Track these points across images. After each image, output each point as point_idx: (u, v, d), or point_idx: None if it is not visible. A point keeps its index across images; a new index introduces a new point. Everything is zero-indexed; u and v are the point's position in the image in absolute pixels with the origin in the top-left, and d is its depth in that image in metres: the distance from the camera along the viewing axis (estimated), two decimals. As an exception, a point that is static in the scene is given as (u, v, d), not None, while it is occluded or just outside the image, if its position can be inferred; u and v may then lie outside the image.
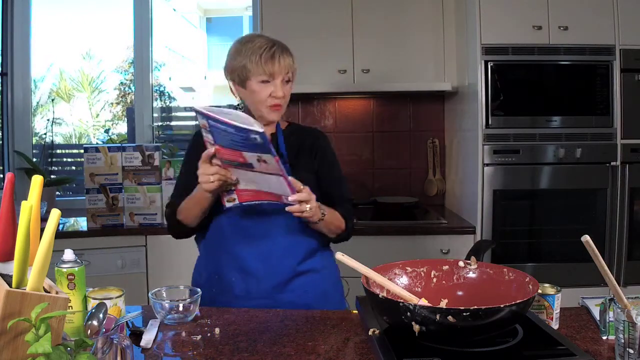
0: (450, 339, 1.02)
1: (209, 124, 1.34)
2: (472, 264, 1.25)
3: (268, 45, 1.55)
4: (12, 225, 0.92)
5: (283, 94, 1.57)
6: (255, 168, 1.36)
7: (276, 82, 1.56)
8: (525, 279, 1.14)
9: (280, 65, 1.55)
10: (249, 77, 1.56)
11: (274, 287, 1.54)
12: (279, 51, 1.55)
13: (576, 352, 0.99)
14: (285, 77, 1.57)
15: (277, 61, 1.54)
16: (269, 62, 1.53)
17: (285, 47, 1.59)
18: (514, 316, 1.01)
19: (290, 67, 1.58)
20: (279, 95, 1.56)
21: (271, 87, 1.55)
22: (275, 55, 1.54)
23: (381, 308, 1.09)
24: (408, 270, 1.25)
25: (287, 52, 1.59)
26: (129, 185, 2.79)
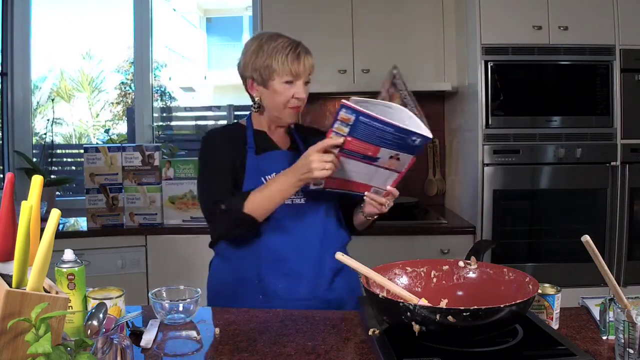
0: (450, 339, 1.02)
1: (357, 119, 1.30)
2: (472, 264, 1.25)
3: (293, 46, 1.53)
4: (12, 225, 0.92)
5: (305, 95, 1.57)
6: (378, 162, 1.37)
7: (299, 83, 1.54)
8: (525, 279, 1.15)
9: (305, 65, 1.53)
10: (273, 77, 1.53)
11: (319, 286, 1.53)
12: (303, 51, 1.54)
13: (576, 352, 0.99)
14: (307, 78, 1.57)
15: (302, 61, 1.53)
16: (295, 62, 1.51)
17: (307, 48, 1.57)
18: (514, 316, 1.01)
19: (312, 68, 1.57)
20: (301, 97, 1.55)
21: (294, 88, 1.54)
22: (300, 56, 1.52)
23: (381, 308, 1.09)
24: (408, 270, 1.26)
25: (309, 53, 1.57)
26: (129, 185, 2.79)
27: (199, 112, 3.89)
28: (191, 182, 2.81)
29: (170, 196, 2.81)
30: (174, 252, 2.77)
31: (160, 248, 2.77)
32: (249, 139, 1.61)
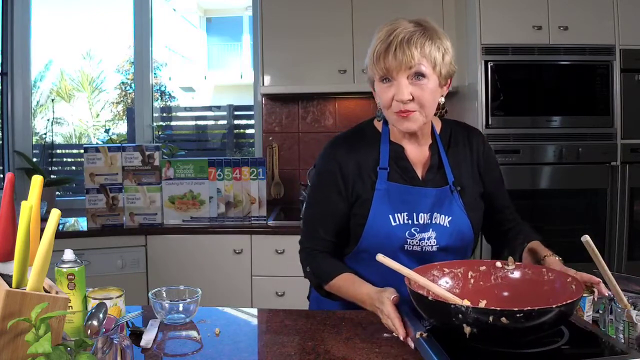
0: (501, 341, 1.01)
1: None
2: (510, 265, 1.24)
3: (388, 34, 1.28)
4: (12, 225, 0.92)
5: (410, 97, 1.26)
6: None
7: (400, 80, 1.26)
8: (567, 279, 1.13)
9: (398, 58, 1.24)
10: (372, 76, 1.33)
11: None
12: (398, 41, 1.25)
13: (627, 351, 0.98)
14: (410, 72, 1.26)
15: (394, 53, 1.24)
16: (382, 55, 1.26)
17: (415, 33, 1.27)
18: (562, 317, 1.00)
19: (417, 60, 1.25)
20: (401, 98, 1.26)
21: (393, 88, 1.27)
22: (391, 46, 1.25)
23: (430, 310, 1.08)
24: (445, 271, 1.24)
25: (418, 40, 1.26)
26: (129, 185, 2.79)
27: (199, 112, 3.90)
28: (191, 182, 2.81)
29: (170, 196, 2.81)
30: (174, 252, 2.77)
31: (160, 248, 2.77)
32: (382, 155, 1.36)
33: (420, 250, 1.34)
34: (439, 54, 1.27)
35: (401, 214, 1.33)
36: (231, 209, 2.82)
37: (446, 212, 1.34)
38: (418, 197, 1.34)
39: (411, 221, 1.33)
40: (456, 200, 1.35)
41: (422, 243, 1.34)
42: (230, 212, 2.82)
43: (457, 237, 1.35)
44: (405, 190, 1.34)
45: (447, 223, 1.34)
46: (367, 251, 1.35)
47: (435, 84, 1.29)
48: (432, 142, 1.40)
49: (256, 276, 2.76)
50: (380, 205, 1.33)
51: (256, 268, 2.76)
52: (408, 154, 1.39)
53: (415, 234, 1.33)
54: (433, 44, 1.26)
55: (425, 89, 1.27)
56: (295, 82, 2.97)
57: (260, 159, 2.86)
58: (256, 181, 2.82)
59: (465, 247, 1.40)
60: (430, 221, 1.34)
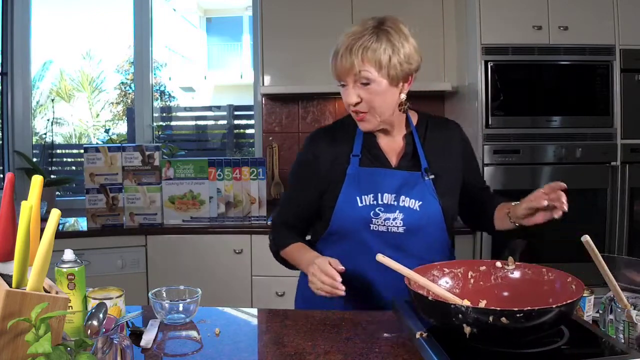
0: (501, 341, 1.01)
1: None
2: (510, 265, 1.24)
3: (339, 42, 1.34)
4: (12, 225, 0.92)
5: (356, 100, 1.33)
6: None
7: (347, 85, 1.34)
8: (567, 279, 1.13)
9: (344, 66, 1.31)
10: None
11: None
12: (343, 47, 1.32)
13: (627, 351, 0.98)
14: (357, 77, 1.32)
15: (340, 61, 1.32)
16: (333, 63, 1.34)
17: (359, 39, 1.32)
18: (562, 316, 1.00)
19: (358, 67, 1.30)
20: (348, 102, 1.34)
21: (344, 92, 1.36)
22: (338, 54, 1.33)
23: (430, 310, 1.08)
24: (445, 271, 1.24)
25: (361, 47, 1.31)
26: (129, 185, 2.79)
27: (199, 112, 3.90)
28: (191, 182, 2.81)
29: (170, 196, 2.81)
30: (174, 252, 2.77)
31: (160, 248, 2.77)
32: (356, 144, 1.44)
33: (386, 231, 1.38)
34: (385, 56, 1.30)
35: (368, 195, 1.39)
36: (231, 209, 2.82)
37: (416, 196, 1.39)
38: (383, 178, 1.40)
39: (376, 201, 1.38)
40: (428, 186, 1.40)
41: (387, 223, 1.38)
42: (230, 212, 2.82)
43: (426, 222, 1.39)
44: (372, 172, 1.41)
45: (417, 207, 1.38)
46: (336, 233, 1.42)
47: (385, 86, 1.33)
48: (407, 133, 1.46)
49: (256, 276, 2.76)
50: (348, 188, 1.40)
51: (256, 268, 2.76)
52: (381, 143, 1.45)
53: (379, 214, 1.38)
54: (380, 47, 1.31)
55: (372, 92, 1.33)
56: (295, 82, 2.97)
57: (260, 159, 2.86)
58: (256, 181, 2.82)
59: (437, 234, 1.42)
60: (396, 203, 1.38)
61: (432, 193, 1.40)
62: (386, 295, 1.38)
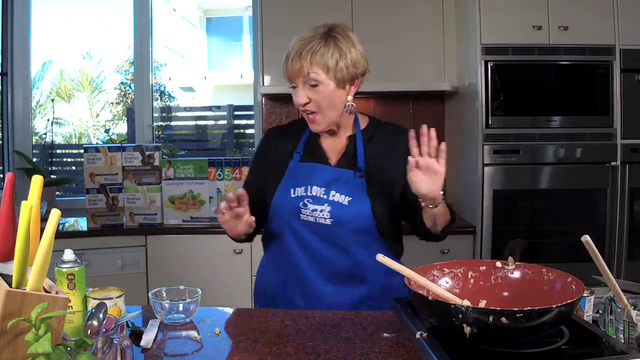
0: (501, 340, 1.01)
1: None
2: (509, 265, 1.24)
3: (291, 46, 1.44)
4: (12, 225, 0.92)
5: (305, 101, 1.44)
6: None
7: (297, 87, 1.44)
8: (567, 279, 1.13)
9: (295, 68, 1.41)
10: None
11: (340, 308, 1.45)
12: (295, 53, 1.42)
13: (628, 351, 0.98)
14: (306, 79, 1.42)
15: (290, 64, 1.42)
16: (284, 66, 1.44)
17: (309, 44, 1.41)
18: (562, 316, 1.00)
19: (306, 69, 1.40)
20: (298, 102, 1.45)
21: (294, 93, 1.46)
22: (288, 58, 1.43)
23: (430, 310, 1.08)
24: (445, 271, 1.24)
25: (310, 51, 1.40)
26: (129, 185, 2.79)
27: (199, 112, 3.90)
28: (191, 182, 2.81)
29: (170, 196, 2.81)
30: (174, 252, 2.77)
31: (160, 248, 2.77)
32: (300, 142, 1.56)
33: (314, 222, 1.47)
34: (332, 60, 1.40)
35: (301, 187, 1.49)
36: (231, 209, 2.82)
37: (346, 192, 1.46)
38: (314, 172, 1.50)
39: (306, 193, 1.48)
40: (360, 184, 1.47)
41: (315, 214, 1.47)
42: (230, 212, 2.81)
43: (354, 217, 1.45)
44: (308, 167, 1.52)
45: (346, 202, 1.46)
46: (273, 220, 1.54)
47: (332, 88, 1.43)
48: (352, 134, 1.54)
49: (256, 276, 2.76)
50: (287, 180, 1.52)
51: (256, 268, 2.75)
52: (323, 142, 1.55)
53: (308, 205, 1.47)
54: (327, 52, 1.40)
55: (320, 94, 1.42)
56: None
57: (260, 159, 2.85)
58: (256, 181, 2.81)
59: (365, 231, 1.47)
60: (326, 196, 1.47)
61: (363, 192, 1.46)
62: (314, 276, 1.48)
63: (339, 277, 1.48)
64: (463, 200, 2.97)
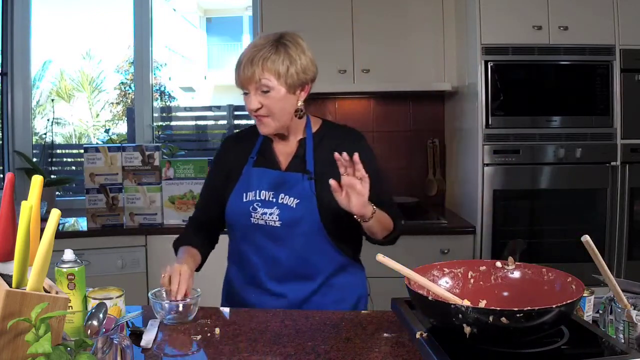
0: (501, 340, 1.01)
1: None
2: (510, 265, 1.24)
3: (243, 53, 1.47)
4: (12, 225, 0.92)
5: (257, 106, 1.46)
6: None
7: (250, 93, 1.47)
8: (567, 279, 1.13)
9: (246, 75, 1.44)
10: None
11: (290, 306, 1.50)
12: (245, 58, 1.45)
13: (628, 351, 0.98)
14: (258, 85, 1.44)
15: (242, 71, 1.45)
16: (236, 73, 1.48)
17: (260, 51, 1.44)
18: (562, 317, 1.00)
19: (258, 76, 1.43)
20: (250, 108, 1.48)
21: (246, 99, 1.50)
22: (240, 65, 1.46)
23: (430, 310, 1.08)
24: (445, 271, 1.24)
25: (261, 58, 1.43)
26: (129, 185, 2.79)
27: (199, 112, 3.90)
28: (191, 182, 2.81)
29: (170, 196, 2.81)
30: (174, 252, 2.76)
31: (160, 248, 2.77)
32: (255, 147, 1.61)
33: (265, 224, 1.51)
34: (283, 67, 1.44)
35: (252, 191, 1.54)
36: (231, 209, 2.82)
37: (295, 195, 1.50)
38: (263, 176, 1.55)
39: (256, 197, 1.53)
40: (308, 187, 1.50)
41: (265, 217, 1.51)
42: (230, 212, 2.82)
43: (302, 219, 1.49)
44: (259, 172, 1.56)
45: (294, 204, 1.50)
46: (230, 224, 1.59)
47: (283, 93, 1.47)
48: (303, 138, 1.58)
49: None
50: (240, 186, 1.56)
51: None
52: (275, 146, 1.60)
53: (257, 208, 1.52)
54: (278, 59, 1.44)
55: (271, 99, 1.46)
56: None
57: (260, 159, 2.85)
58: (256, 181, 2.81)
59: (315, 233, 1.50)
60: (275, 199, 1.51)
61: (311, 194, 1.49)
62: (265, 277, 1.52)
63: (289, 277, 1.51)
64: (463, 200, 2.98)
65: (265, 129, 1.51)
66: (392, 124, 3.34)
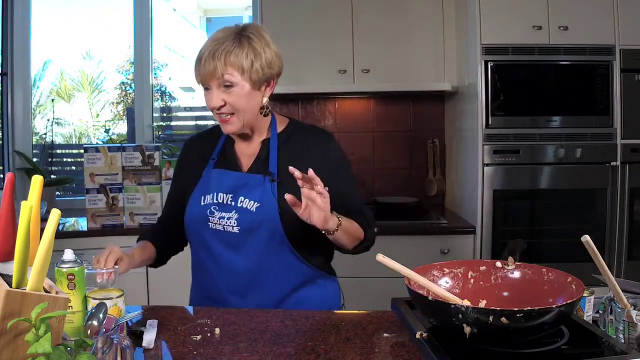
0: (501, 340, 1.02)
1: None
2: (509, 265, 1.24)
3: (204, 47, 1.38)
4: (12, 225, 0.92)
5: (220, 104, 1.37)
6: None
7: (211, 89, 1.38)
8: (567, 279, 1.13)
9: (207, 69, 1.35)
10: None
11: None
12: (206, 52, 1.36)
13: (628, 351, 0.98)
14: (220, 81, 1.36)
15: (203, 65, 1.36)
16: (197, 68, 1.38)
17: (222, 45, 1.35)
18: (562, 317, 1.00)
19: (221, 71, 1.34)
20: (212, 105, 1.38)
21: (208, 95, 1.40)
22: (202, 59, 1.36)
23: (430, 310, 1.08)
24: (445, 271, 1.24)
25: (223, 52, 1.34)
26: (129, 185, 2.79)
27: (199, 112, 3.89)
28: (191, 182, 2.81)
29: (170, 196, 2.81)
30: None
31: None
32: (216, 148, 1.53)
33: (223, 230, 1.42)
34: (247, 61, 1.35)
35: (210, 194, 1.45)
36: (231, 209, 2.82)
37: (255, 198, 1.41)
38: (221, 179, 1.46)
39: (213, 200, 1.44)
40: (270, 189, 1.41)
41: (222, 222, 1.42)
42: (230, 212, 2.82)
43: (262, 224, 1.40)
44: (218, 173, 1.48)
45: (253, 208, 1.41)
46: (187, 228, 1.51)
47: (247, 89, 1.38)
48: (267, 138, 1.50)
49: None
50: (199, 189, 1.48)
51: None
52: (237, 147, 1.52)
53: (215, 212, 1.43)
54: (242, 52, 1.35)
55: (235, 95, 1.37)
56: (295, 82, 2.97)
57: (260, 159, 2.85)
58: (256, 181, 2.81)
59: (275, 239, 1.40)
60: (233, 203, 1.42)
61: (272, 197, 1.40)
62: (222, 288, 1.46)
63: (250, 289, 1.44)
64: (463, 200, 2.98)
65: (230, 127, 1.42)
66: (392, 124, 3.34)
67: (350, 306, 1.62)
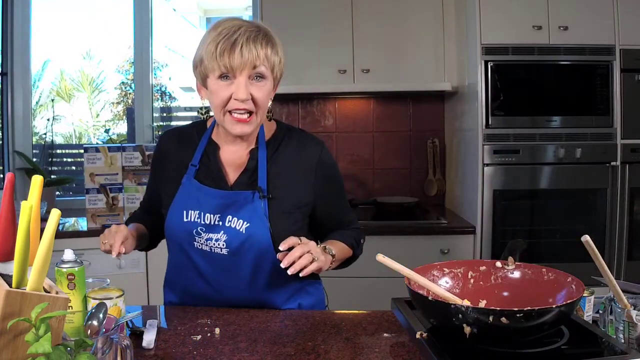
0: (501, 340, 1.02)
1: None
2: (509, 265, 1.24)
3: (231, 32, 1.23)
4: (12, 225, 0.92)
5: (249, 96, 1.24)
6: None
7: (240, 79, 1.24)
8: (567, 279, 1.13)
9: (243, 56, 1.21)
10: (208, 73, 1.26)
11: None
12: (244, 39, 1.22)
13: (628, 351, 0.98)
14: (252, 72, 1.24)
15: (240, 51, 1.21)
16: (226, 53, 1.22)
17: (259, 34, 1.24)
18: (562, 316, 1.00)
19: (261, 60, 1.24)
20: (240, 97, 1.23)
21: (232, 86, 1.25)
22: (237, 44, 1.21)
23: (430, 310, 1.08)
24: (445, 271, 1.24)
25: (261, 41, 1.24)
26: (129, 185, 2.79)
27: (198, 112, 3.89)
28: (191, 182, 2.81)
29: (170, 196, 2.81)
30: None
31: (160, 248, 2.76)
32: (197, 153, 1.39)
33: (210, 251, 1.34)
34: (277, 58, 1.28)
35: (194, 211, 1.34)
36: (231, 209, 2.82)
37: (244, 217, 1.31)
38: (207, 197, 1.34)
39: (200, 220, 1.34)
40: (260, 207, 1.31)
41: (209, 243, 1.34)
42: (230, 212, 2.81)
43: (251, 245, 1.32)
44: (199, 189, 1.35)
45: (242, 229, 1.31)
46: (169, 241, 1.42)
47: (271, 87, 1.30)
48: (255, 147, 1.38)
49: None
50: (179, 199, 1.36)
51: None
52: (222, 155, 1.39)
53: (201, 233, 1.34)
54: (272, 48, 1.27)
55: (263, 90, 1.27)
56: (295, 82, 2.97)
57: (260, 159, 2.85)
58: (256, 181, 2.81)
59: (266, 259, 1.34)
60: (221, 223, 1.32)
61: (262, 215, 1.31)
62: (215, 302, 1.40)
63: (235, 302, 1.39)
64: (463, 200, 2.98)
65: (248, 128, 1.28)
66: (392, 124, 3.35)
67: (350, 306, 1.62)
